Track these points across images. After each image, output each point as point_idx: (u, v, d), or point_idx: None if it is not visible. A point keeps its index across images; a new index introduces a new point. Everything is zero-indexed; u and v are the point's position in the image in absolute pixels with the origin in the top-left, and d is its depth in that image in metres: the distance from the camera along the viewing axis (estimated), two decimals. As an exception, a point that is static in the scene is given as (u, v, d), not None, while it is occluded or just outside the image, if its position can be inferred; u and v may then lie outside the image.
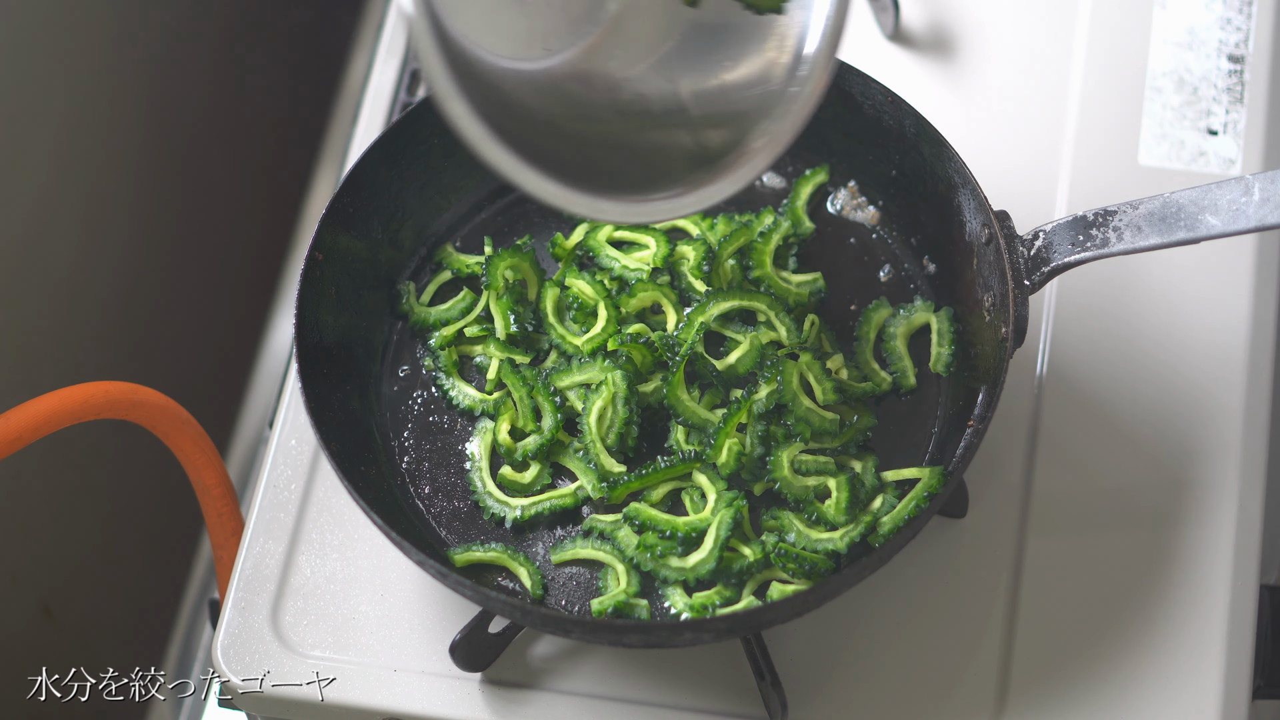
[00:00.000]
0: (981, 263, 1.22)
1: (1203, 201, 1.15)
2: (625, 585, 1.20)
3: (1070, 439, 1.29)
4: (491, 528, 1.24)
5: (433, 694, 1.23)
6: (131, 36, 1.74)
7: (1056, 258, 1.18)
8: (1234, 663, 1.22)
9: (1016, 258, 1.19)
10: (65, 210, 1.66)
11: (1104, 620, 1.24)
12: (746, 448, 1.22)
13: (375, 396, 1.29)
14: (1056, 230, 1.17)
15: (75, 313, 1.70)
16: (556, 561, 1.22)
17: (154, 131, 1.78)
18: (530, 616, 1.17)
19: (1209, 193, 1.15)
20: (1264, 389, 1.31)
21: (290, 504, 1.30)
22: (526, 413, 1.26)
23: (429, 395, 1.29)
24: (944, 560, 1.25)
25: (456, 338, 1.30)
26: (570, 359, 1.27)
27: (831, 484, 1.21)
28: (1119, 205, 1.16)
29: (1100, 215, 1.16)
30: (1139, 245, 1.15)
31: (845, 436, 1.23)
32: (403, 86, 1.48)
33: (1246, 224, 1.14)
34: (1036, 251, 1.18)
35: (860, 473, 1.22)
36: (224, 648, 1.25)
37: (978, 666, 1.23)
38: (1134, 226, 1.15)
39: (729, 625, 1.15)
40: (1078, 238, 1.17)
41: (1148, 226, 1.15)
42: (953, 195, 1.25)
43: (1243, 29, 1.44)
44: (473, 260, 1.32)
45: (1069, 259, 1.17)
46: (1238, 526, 1.26)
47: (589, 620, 1.18)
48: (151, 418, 1.33)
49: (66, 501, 1.72)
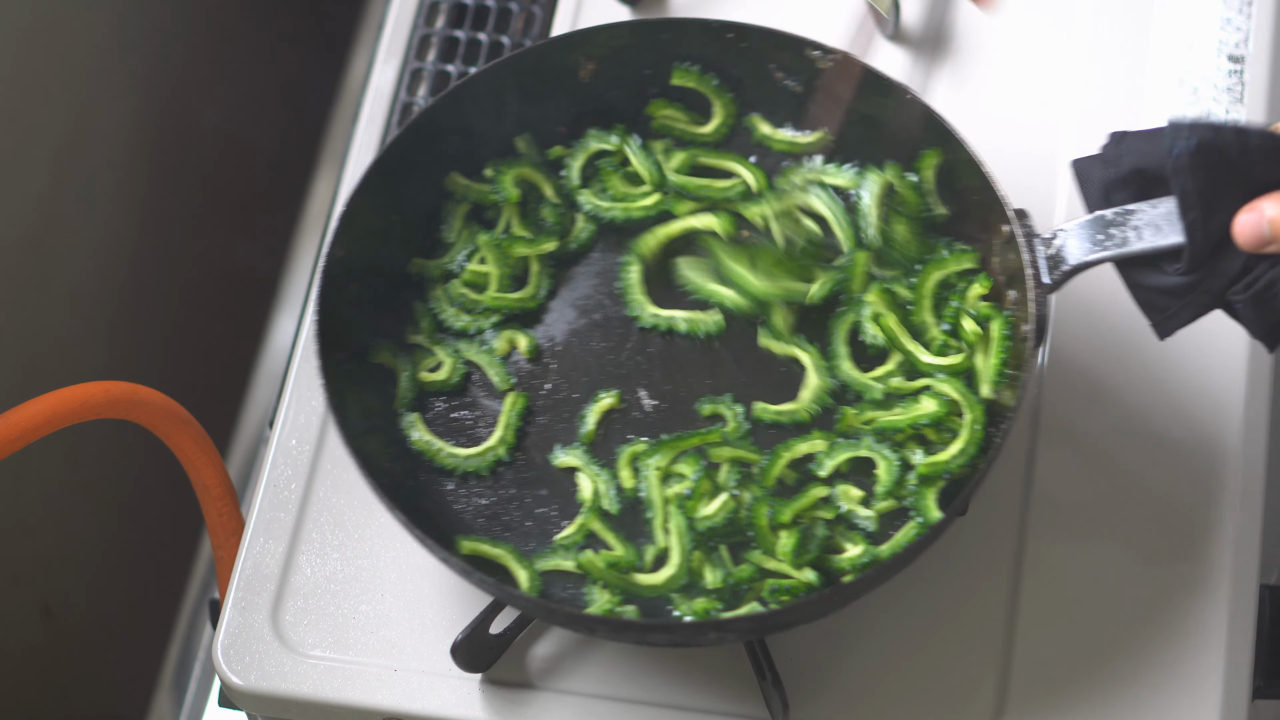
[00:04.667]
0: (1003, 261, 1.22)
1: None
2: (610, 596, 1.20)
3: (1072, 437, 1.29)
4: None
5: (433, 694, 1.23)
6: (131, 37, 1.74)
7: (1076, 256, 1.17)
8: (1234, 663, 1.22)
9: (1036, 256, 1.19)
10: (65, 210, 1.66)
11: (1104, 619, 1.24)
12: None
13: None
14: (1076, 229, 1.17)
15: (75, 313, 1.70)
16: (540, 570, 1.21)
17: (154, 131, 1.78)
18: (556, 615, 1.16)
19: None
20: (1264, 388, 1.31)
21: (290, 504, 1.30)
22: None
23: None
24: (944, 559, 1.25)
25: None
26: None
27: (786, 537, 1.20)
28: (1138, 204, 1.16)
29: (1120, 214, 1.16)
30: (1159, 244, 1.14)
31: (904, 420, 1.23)
32: (403, 86, 1.48)
33: None
34: (1056, 250, 1.18)
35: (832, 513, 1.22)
36: (224, 648, 1.25)
37: (978, 665, 1.23)
38: (1153, 225, 1.15)
39: (753, 626, 1.15)
40: (1097, 236, 1.16)
41: (1168, 225, 1.14)
42: (972, 193, 1.25)
43: (1243, 29, 1.44)
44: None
45: (1089, 258, 1.17)
46: (1238, 526, 1.26)
47: (614, 620, 1.17)
48: (151, 418, 1.33)
49: (66, 501, 1.72)
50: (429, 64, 1.50)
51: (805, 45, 1.30)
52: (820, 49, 1.29)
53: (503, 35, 1.51)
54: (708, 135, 1.35)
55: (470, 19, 1.52)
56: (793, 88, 1.32)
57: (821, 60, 1.30)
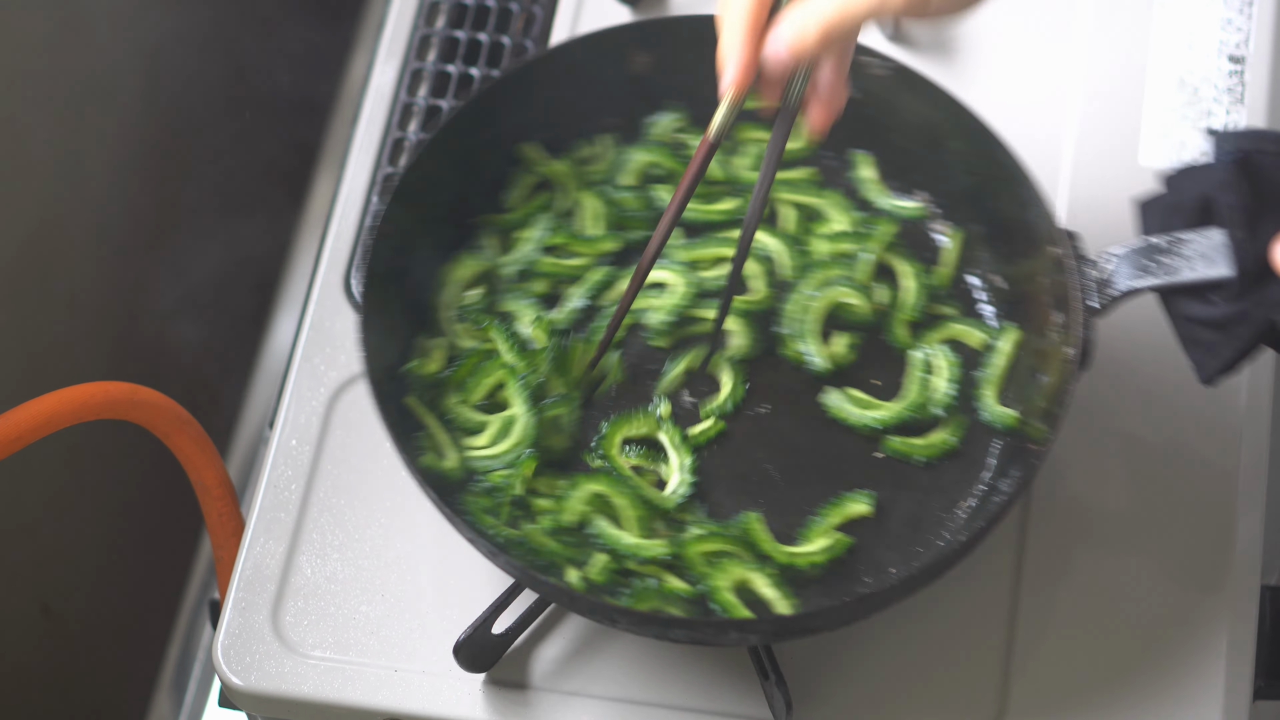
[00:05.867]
0: (1052, 284, 1.21)
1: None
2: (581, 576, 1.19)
3: (1072, 436, 1.29)
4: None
5: (434, 694, 1.23)
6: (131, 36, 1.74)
7: (1125, 282, 1.15)
8: (1235, 663, 1.22)
9: (1087, 280, 1.18)
10: (65, 210, 1.66)
11: (1106, 621, 1.24)
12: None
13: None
14: (1126, 254, 1.16)
15: (75, 313, 1.70)
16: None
17: (154, 131, 1.78)
18: (579, 603, 1.16)
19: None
20: (1266, 388, 1.31)
21: (290, 504, 1.30)
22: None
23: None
24: (945, 560, 1.26)
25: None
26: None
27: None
28: (1190, 233, 1.14)
29: (1171, 241, 1.14)
30: (1209, 275, 1.11)
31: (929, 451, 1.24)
32: (403, 86, 1.48)
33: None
34: (1105, 275, 1.16)
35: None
36: (224, 648, 1.25)
37: (980, 666, 1.23)
38: (1204, 255, 1.12)
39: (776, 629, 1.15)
40: (1145, 263, 1.15)
41: (1219, 256, 1.12)
42: (1024, 212, 1.24)
43: (1243, 29, 1.44)
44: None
45: (1138, 284, 1.14)
46: (1239, 526, 1.26)
47: (637, 611, 1.16)
48: (151, 418, 1.33)
49: (66, 501, 1.72)
50: (429, 64, 1.50)
51: (860, 51, 1.27)
52: (876, 56, 1.28)
53: (503, 35, 1.51)
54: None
55: (470, 19, 1.52)
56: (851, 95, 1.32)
57: (876, 68, 1.29)
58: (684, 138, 1.34)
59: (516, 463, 1.22)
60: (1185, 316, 1.14)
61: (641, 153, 1.33)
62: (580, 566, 1.19)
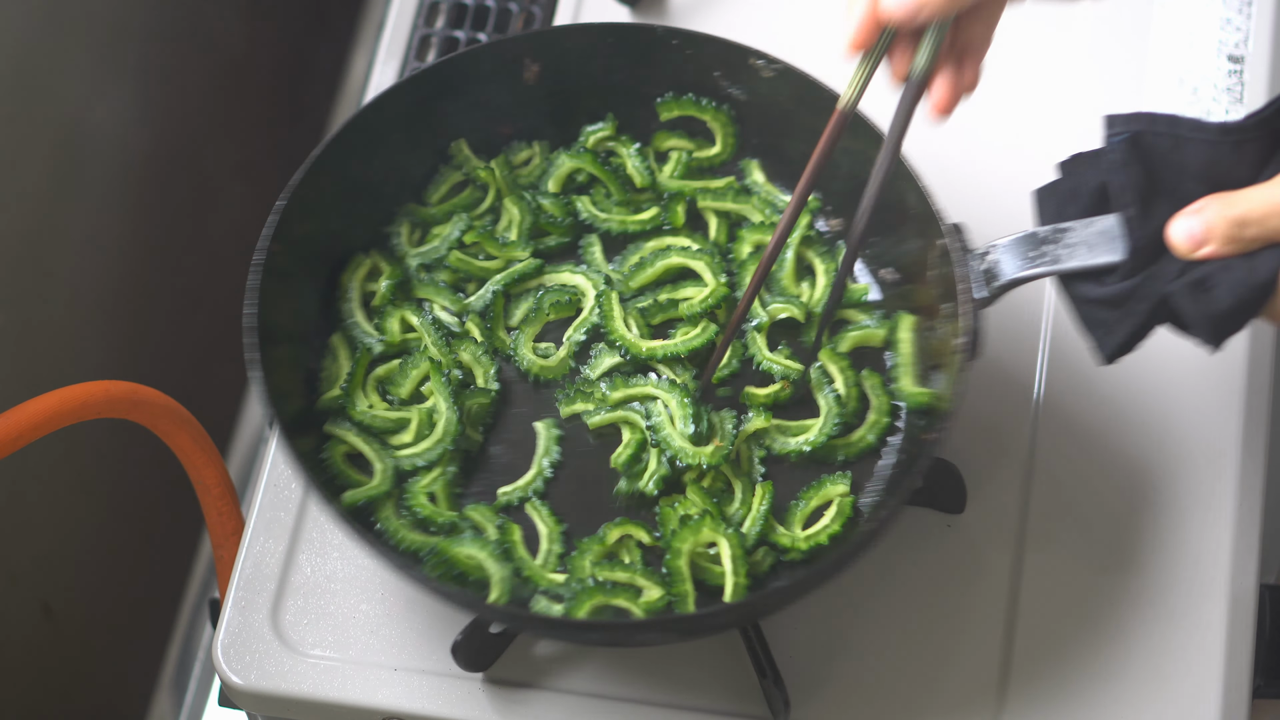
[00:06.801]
0: (940, 275, 1.22)
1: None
2: (497, 589, 1.19)
3: (1071, 435, 1.29)
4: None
5: (433, 693, 1.23)
6: (131, 36, 1.74)
7: (1010, 272, 1.17)
8: (1234, 662, 1.22)
9: (970, 270, 1.19)
10: (65, 210, 1.66)
11: (1104, 617, 1.24)
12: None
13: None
14: (1009, 245, 1.17)
15: (75, 313, 1.70)
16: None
17: (154, 131, 1.78)
18: (500, 614, 1.17)
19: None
20: (1264, 387, 1.32)
21: (290, 504, 1.30)
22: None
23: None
24: (943, 556, 1.26)
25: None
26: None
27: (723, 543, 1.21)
28: (1074, 223, 1.15)
29: (1054, 232, 1.15)
30: (1091, 263, 1.13)
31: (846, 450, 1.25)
32: (403, 86, 1.48)
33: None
34: (990, 266, 1.18)
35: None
36: (224, 647, 1.25)
37: (978, 663, 1.23)
38: (1086, 243, 1.14)
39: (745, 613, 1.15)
40: (1029, 253, 1.16)
41: (1102, 243, 1.14)
42: (906, 205, 1.24)
43: (1243, 29, 1.44)
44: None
45: (1021, 274, 1.16)
46: (1237, 525, 1.26)
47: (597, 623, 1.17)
48: (151, 417, 1.33)
49: (66, 501, 1.72)
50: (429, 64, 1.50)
51: (750, 54, 1.30)
52: (764, 58, 1.29)
53: (503, 35, 1.51)
54: (713, 157, 1.35)
55: (470, 19, 1.52)
56: (737, 95, 1.32)
57: (765, 69, 1.30)
58: (614, 145, 1.35)
59: (441, 459, 1.23)
60: (1083, 298, 1.15)
61: (569, 159, 1.34)
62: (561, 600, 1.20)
